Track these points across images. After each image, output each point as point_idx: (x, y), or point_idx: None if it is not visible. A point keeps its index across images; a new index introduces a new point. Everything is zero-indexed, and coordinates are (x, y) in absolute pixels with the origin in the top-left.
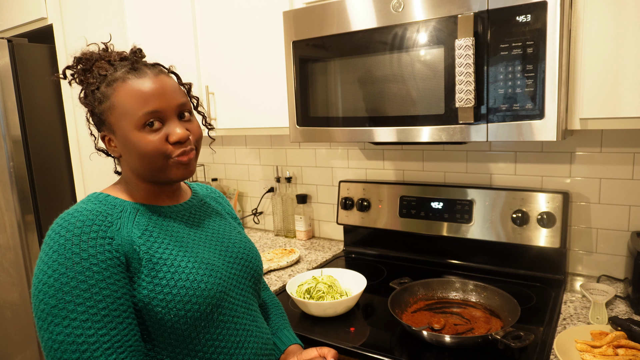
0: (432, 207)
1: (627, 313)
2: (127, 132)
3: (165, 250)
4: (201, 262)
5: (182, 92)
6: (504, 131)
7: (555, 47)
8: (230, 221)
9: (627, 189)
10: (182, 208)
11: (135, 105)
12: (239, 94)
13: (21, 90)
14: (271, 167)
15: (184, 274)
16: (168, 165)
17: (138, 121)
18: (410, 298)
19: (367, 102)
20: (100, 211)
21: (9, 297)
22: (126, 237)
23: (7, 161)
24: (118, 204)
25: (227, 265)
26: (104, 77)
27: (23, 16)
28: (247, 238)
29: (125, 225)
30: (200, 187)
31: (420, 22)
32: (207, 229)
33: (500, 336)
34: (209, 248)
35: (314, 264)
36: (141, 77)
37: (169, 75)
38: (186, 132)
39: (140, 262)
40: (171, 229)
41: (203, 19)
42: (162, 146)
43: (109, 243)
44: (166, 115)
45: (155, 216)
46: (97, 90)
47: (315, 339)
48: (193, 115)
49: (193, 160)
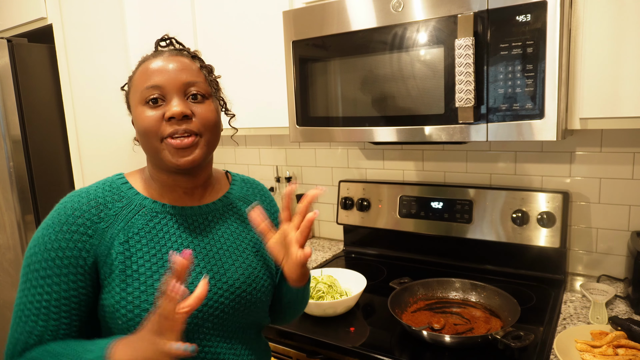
0: (432, 207)
1: (627, 313)
2: (133, 107)
3: (145, 263)
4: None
5: (197, 73)
6: (504, 131)
7: (555, 46)
8: (253, 234)
9: (627, 188)
10: (197, 212)
11: (141, 81)
12: (239, 94)
13: (21, 90)
14: (271, 167)
15: (152, 296)
16: (162, 148)
17: (141, 95)
18: (410, 298)
19: (367, 102)
20: (101, 202)
21: (9, 297)
22: (107, 239)
23: (7, 161)
24: (127, 197)
25: (212, 293)
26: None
27: (23, 16)
28: (259, 259)
29: (115, 225)
30: (243, 183)
31: (420, 22)
32: (214, 243)
33: (500, 336)
34: (200, 267)
35: (314, 264)
36: (157, 57)
37: (191, 58)
38: (184, 109)
39: (111, 269)
40: (168, 237)
41: (203, 19)
42: (155, 123)
43: (85, 241)
44: (168, 92)
45: (159, 218)
46: (130, 78)
47: (315, 339)
48: (210, 99)
49: (193, 147)
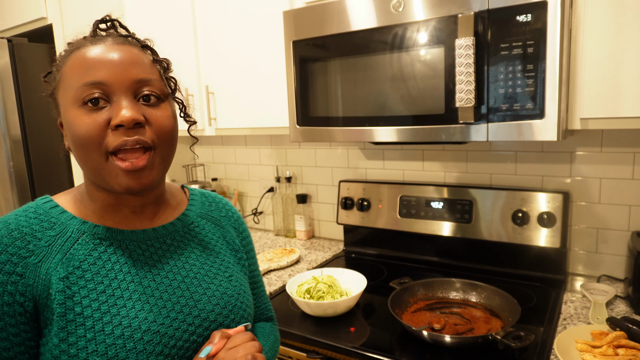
0: (432, 207)
1: (627, 313)
2: (65, 109)
3: (92, 302)
4: (136, 328)
5: (150, 69)
6: (504, 131)
7: (555, 46)
8: (222, 257)
9: (628, 188)
10: (150, 236)
11: (76, 76)
12: (239, 94)
13: (21, 90)
14: (271, 166)
15: (103, 344)
16: (106, 167)
17: (76, 95)
18: (411, 298)
19: (367, 102)
20: (26, 231)
21: None
22: (43, 276)
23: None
24: (59, 223)
25: (182, 331)
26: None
27: (23, 16)
28: (234, 285)
29: (50, 258)
30: (204, 198)
31: (421, 22)
32: (177, 271)
33: (500, 336)
34: (164, 301)
35: (314, 264)
36: (96, 44)
37: (140, 48)
38: (136, 115)
39: (52, 313)
40: (119, 268)
41: (203, 18)
42: (97, 132)
43: (14, 282)
44: (114, 91)
45: (104, 246)
46: (56, 67)
47: (315, 339)
48: (167, 102)
49: (147, 168)
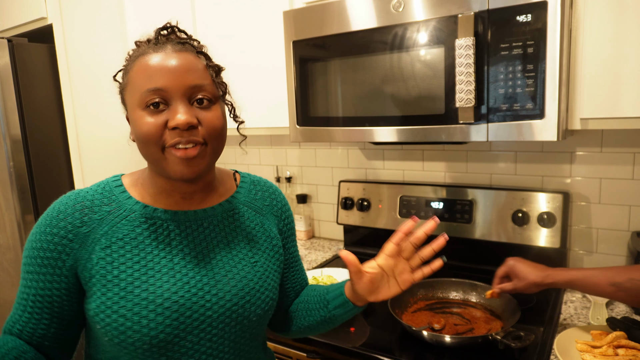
0: (432, 207)
1: (627, 313)
2: (131, 110)
3: (127, 269)
4: (159, 295)
5: (203, 74)
6: (504, 131)
7: (555, 47)
8: (254, 244)
9: (628, 189)
10: (191, 217)
11: (141, 81)
12: (238, 94)
13: (21, 90)
14: (271, 167)
15: (131, 302)
16: (164, 157)
17: (140, 99)
18: (411, 298)
19: (367, 102)
20: (87, 205)
21: (9, 297)
22: (89, 243)
23: (7, 161)
24: (117, 201)
25: (199, 305)
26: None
27: (23, 16)
28: (256, 271)
29: (98, 229)
30: (252, 185)
31: (421, 22)
32: (207, 252)
33: (500, 336)
34: (189, 277)
35: (314, 264)
36: (158, 52)
37: (196, 54)
38: (190, 119)
39: (91, 273)
40: (155, 244)
41: (203, 18)
42: (156, 131)
43: (65, 244)
44: (172, 96)
45: (148, 224)
46: (125, 69)
47: (315, 339)
48: (217, 104)
49: (198, 158)
